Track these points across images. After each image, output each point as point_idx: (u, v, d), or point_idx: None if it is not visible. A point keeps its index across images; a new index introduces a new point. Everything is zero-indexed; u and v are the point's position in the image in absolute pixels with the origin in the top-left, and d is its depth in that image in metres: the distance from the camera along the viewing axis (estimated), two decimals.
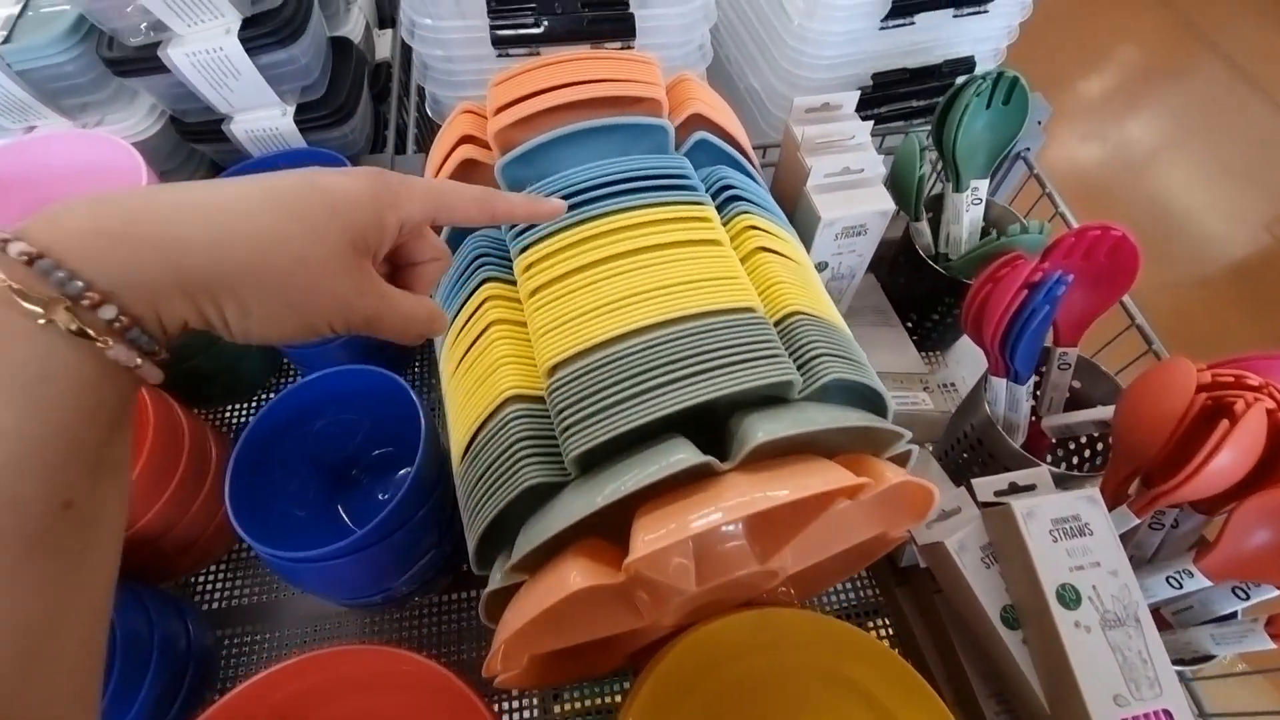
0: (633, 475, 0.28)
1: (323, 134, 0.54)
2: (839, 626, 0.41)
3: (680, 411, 0.30)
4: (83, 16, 0.47)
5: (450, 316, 0.41)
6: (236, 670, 0.50)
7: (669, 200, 0.37)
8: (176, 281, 0.20)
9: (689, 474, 0.29)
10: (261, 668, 0.46)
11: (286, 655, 0.49)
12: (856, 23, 0.54)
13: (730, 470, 0.30)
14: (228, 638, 0.51)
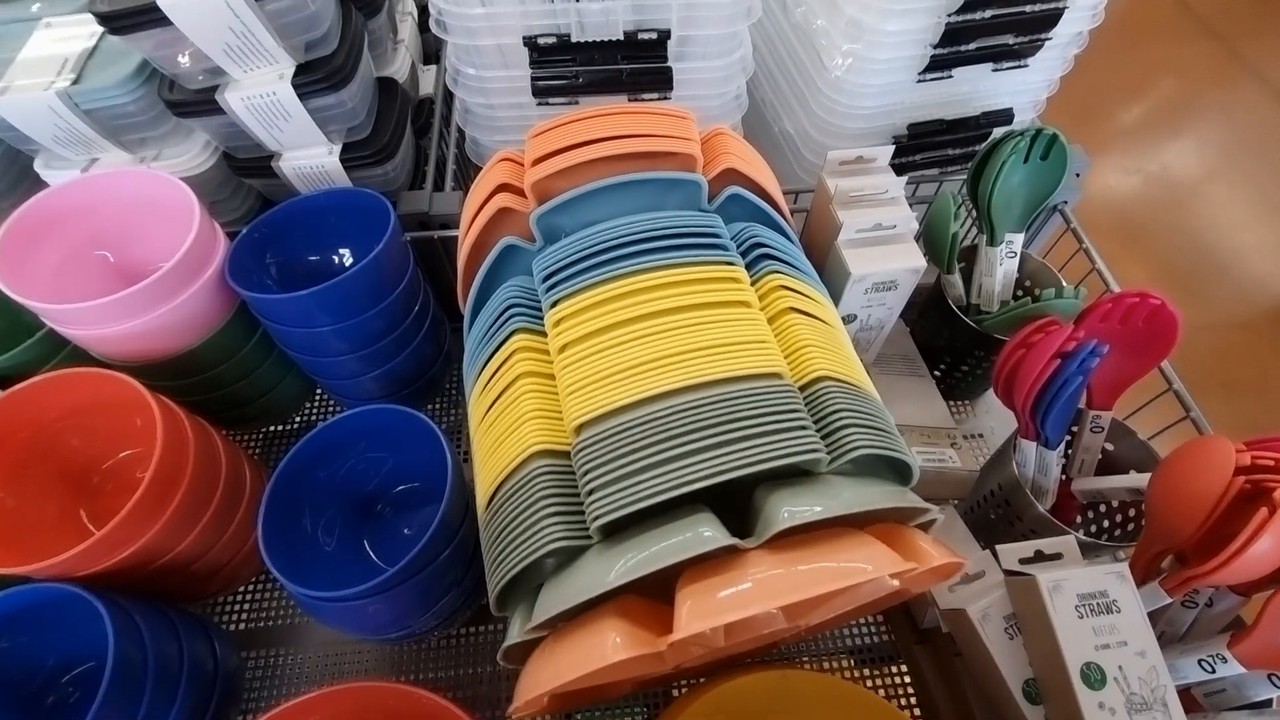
0: (658, 549, 0.29)
1: (366, 172, 0.56)
2: (858, 692, 0.40)
3: (704, 487, 0.30)
4: (146, 60, 0.49)
5: (479, 365, 0.42)
6: (260, 693, 0.51)
7: (699, 260, 0.38)
8: None
9: (715, 554, 0.30)
10: (283, 691, 0.47)
11: (307, 682, 0.50)
12: (894, 75, 0.54)
13: (756, 549, 0.30)
14: (251, 658, 0.52)
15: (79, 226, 0.48)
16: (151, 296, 0.43)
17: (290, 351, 0.51)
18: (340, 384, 0.55)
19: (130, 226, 0.49)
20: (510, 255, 0.44)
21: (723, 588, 0.28)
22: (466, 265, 0.47)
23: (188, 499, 0.42)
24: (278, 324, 0.48)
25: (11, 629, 0.40)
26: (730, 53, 0.50)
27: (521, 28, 0.47)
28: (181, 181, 0.47)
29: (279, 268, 0.51)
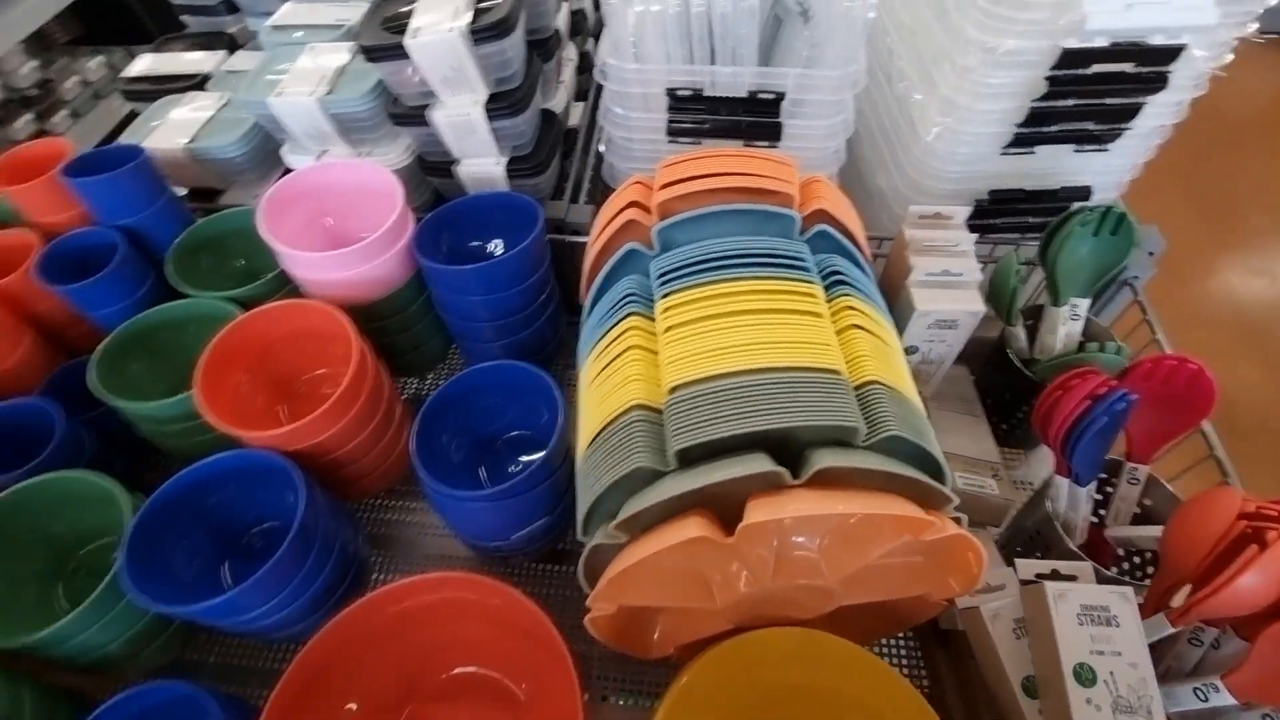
0: (726, 467, 0.38)
1: (522, 181, 0.69)
2: (879, 665, 0.46)
3: (764, 431, 0.39)
4: (381, 81, 0.65)
5: (596, 339, 0.52)
6: (377, 583, 0.63)
7: (785, 277, 0.47)
8: None
9: (766, 482, 0.38)
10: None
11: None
12: (980, 146, 0.62)
13: (800, 485, 0.38)
14: (376, 556, 0.64)
15: (313, 199, 0.63)
16: (361, 256, 0.57)
17: (445, 314, 0.64)
18: (474, 346, 0.67)
19: (349, 202, 0.64)
20: (631, 257, 0.55)
21: (779, 498, 0.36)
22: (594, 263, 0.58)
23: (361, 412, 0.55)
24: (443, 289, 0.61)
25: (228, 483, 0.53)
26: (834, 115, 0.60)
27: (665, 81, 0.58)
28: (392, 173, 0.61)
29: (449, 248, 0.65)
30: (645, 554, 0.39)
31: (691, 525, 0.38)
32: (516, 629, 0.51)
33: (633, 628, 0.51)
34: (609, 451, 0.44)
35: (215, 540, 0.55)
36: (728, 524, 0.39)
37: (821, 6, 0.58)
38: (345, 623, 0.49)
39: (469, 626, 0.53)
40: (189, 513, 0.51)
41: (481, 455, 0.61)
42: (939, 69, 0.59)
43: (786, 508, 0.36)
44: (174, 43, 0.87)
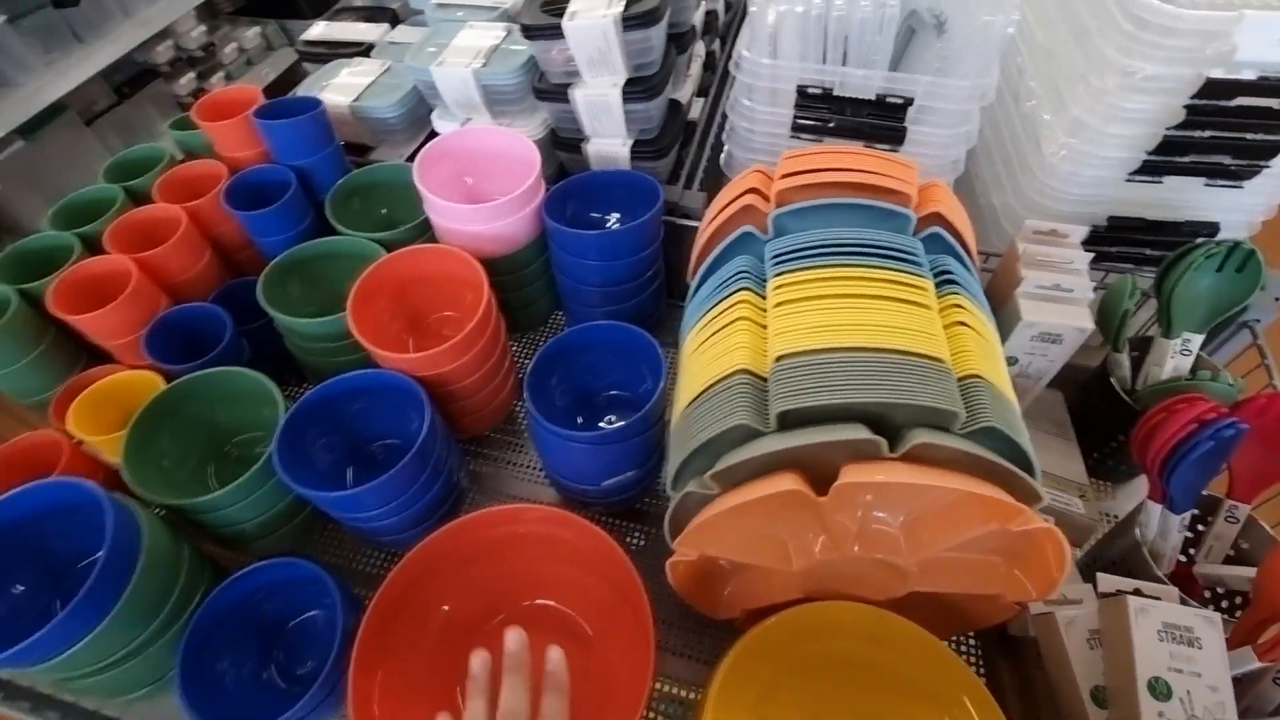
0: (825, 433, 0.40)
1: (644, 163, 0.74)
2: (947, 654, 0.47)
3: (865, 404, 0.41)
4: (532, 57, 0.71)
5: (704, 310, 0.56)
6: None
7: (898, 268, 0.49)
8: None
9: (861, 451, 0.41)
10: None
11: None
12: (1105, 170, 0.61)
13: (895, 458, 0.40)
14: (472, 487, 0.70)
15: (458, 159, 0.70)
16: (499, 211, 0.63)
17: (560, 276, 0.69)
18: (579, 310, 0.72)
19: (488, 165, 0.70)
20: (745, 240, 0.58)
21: (874, 465, 0.39)
22: (706, 242, 0.62)
23: (482, 350, 0.60)
24: (562, 251, 0.66)
25: (365, 397, 0.60)
26: (959, 125, 0.61)
27: (798, 78, 0.62)
28: (531, 141, 0.67)
29: (572, 215, 0.70)
30: (739, 501, 0.42)
31: (786, 479, 0.41)
32: (597, 571, 0.56)
33: (706, 582, 0.54)
34: (710, 410, 0.48)
35: (346, 445, 0.62)
36: (817, 490, 0.42)
37: (959, 19, 0.59)
38: (446, 535, 0.54)
39: (552, 563, 0.58)
40: (330, 417, 0.58)
41: (581, 408, 0.65)
42: (1072, 89, 0.60)
43: (881, 473, 0.39)
44: (344, 13, 0.97)
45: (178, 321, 0.63)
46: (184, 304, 0.65)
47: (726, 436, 0.46)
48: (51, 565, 0.51)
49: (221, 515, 0.54)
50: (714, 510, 0.44)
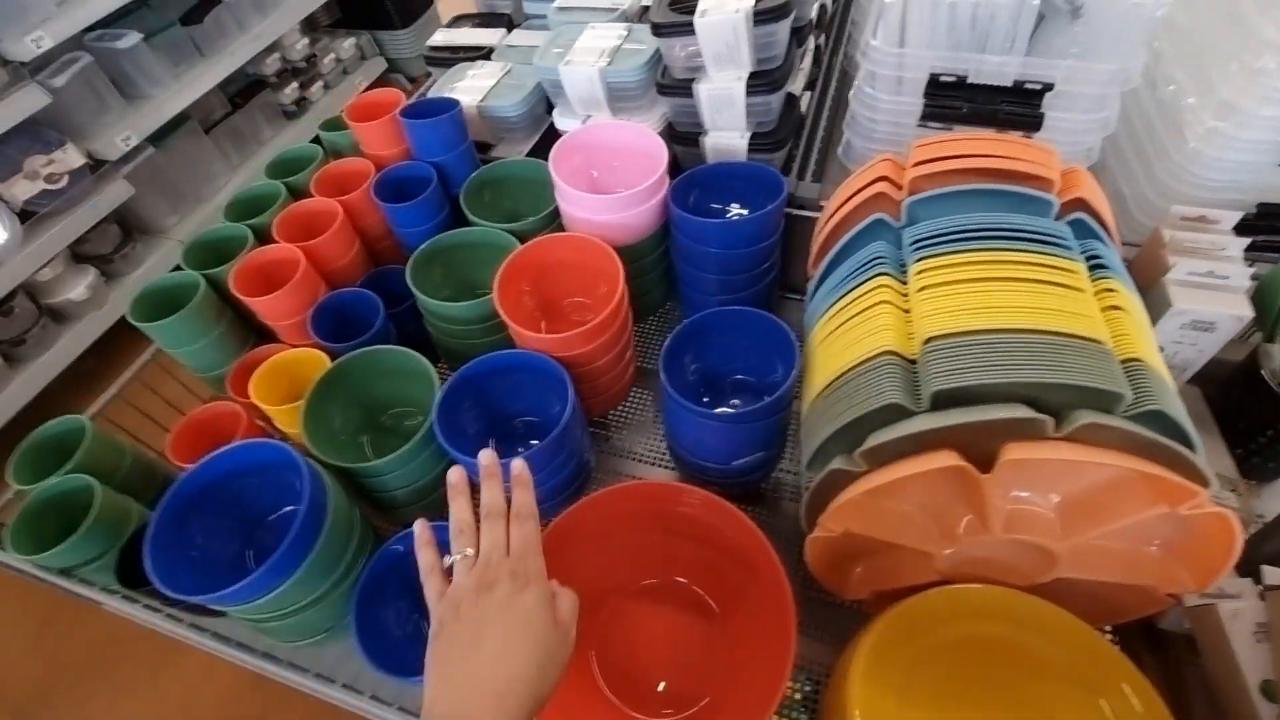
0: (987, 411, 0.41)
1: (760, 155, 0.75)
2: (1099, 640, 0.46)
3: (1026, 383, 0.41)
4: (655, 54, 0.74)
5: (836, 296, 0.57)
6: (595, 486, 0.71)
7: (1049, 252, 0.49)
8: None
9: (1023, 430, 0.41)
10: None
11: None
12: (1255, 155, 0.59)
13: (1061, 439, 0.41)
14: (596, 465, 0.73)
15: (586, 153, 0.73)
16: (626, 203, 0.66)
17: (681, 263, 0.71)
18: (697, 297, 0.74)
19: (613, 159, 0.73)
20: (877, 226, 0.59)
21: (1044, 444, 0.40)
22: (832, 230, 0.63)
23: (614, 333, 0.63)
24: (687, 239, 0.68)
25: (512, 375, 0.63)
26: (1097, 111, 0.60)
27: (930, 66, 0.62)
28: (658, 135, 0.69)
29: (695, 204, 0.72)
30: (896, 476, 0.43)
31: (945, 455, 0.42)
32: (727, 549, 0.57)
33: (840, 561, 0.55)
34: (855, 390, 0.49)
35: (491, 419, 0.66)
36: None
37: (1099, 2, 0.59)
38: (589, 504, 0.57)
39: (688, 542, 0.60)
40: (478, 392, 0.62)
41: (707, 390, 0.67)
42: (1222, 71, 0.58)
43: (1054, 451, 0.39)
44: (462, 20, 1.03)
45: (336, 305, 0.69)
46: (340, 289, 0.71)
47: (875, 416, 0.47)
48: (245, 518, 0.57)
49: (383, 480, 0.58)
50: (866, 485, 0.45)
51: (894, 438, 0.44)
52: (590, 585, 0.60)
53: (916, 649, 0.49)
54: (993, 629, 0.49)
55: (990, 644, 0.49)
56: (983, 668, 0.49)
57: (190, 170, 1.96)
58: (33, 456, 0.60)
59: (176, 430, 0.63)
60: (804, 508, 0.55)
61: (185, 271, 0.67)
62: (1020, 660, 0.48)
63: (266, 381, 0.63)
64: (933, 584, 0.51)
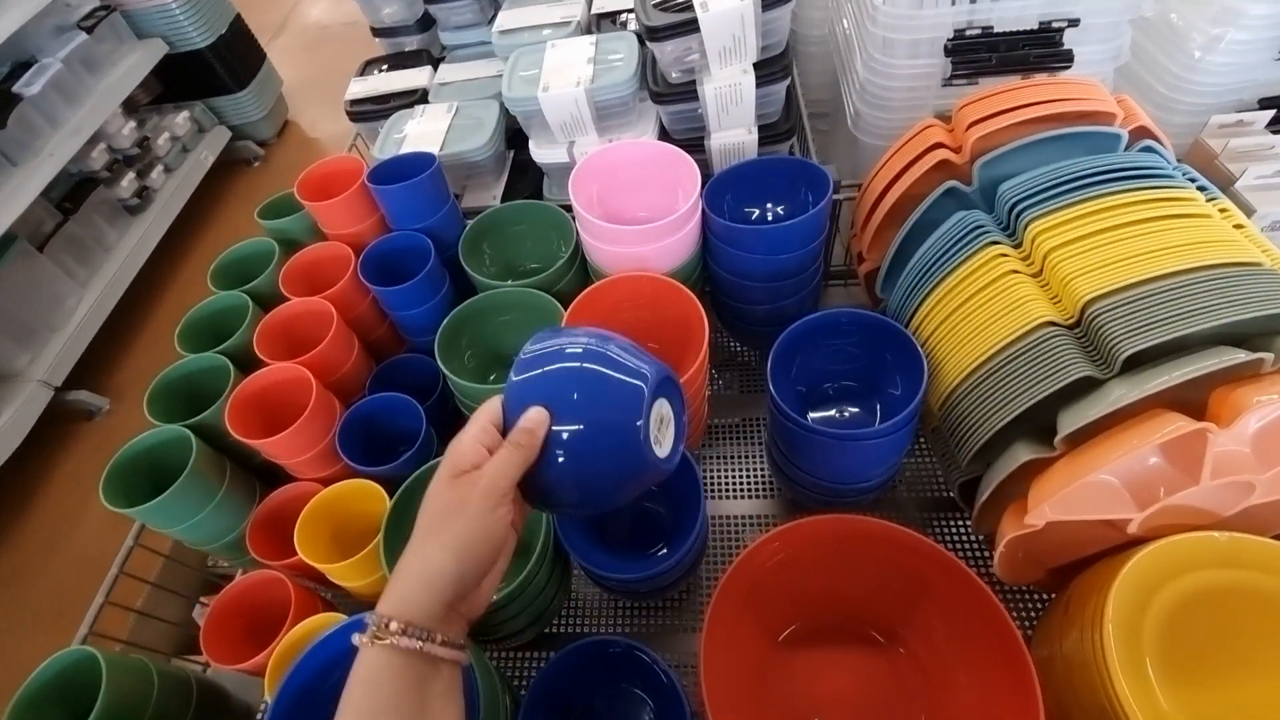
0: (1198, 364, 0.38)
1: (769, 147, 0.71)
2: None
3: (1224, 325, 0.39)
4: (640, 62, 0.67)
5: (936, 278, 0.54)
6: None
7: (1160, 185, 0.48)
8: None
9: (1234, 374, 0.39)
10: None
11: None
12: (1254, 54, 0.62)
13: (1276, 372, 0.39)
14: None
15: (602, 179, 0.64)
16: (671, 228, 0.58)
17: (724, 276, 0.65)
18: (739, 308, 0.68)
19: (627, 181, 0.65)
20: (949, 195, 0.56)
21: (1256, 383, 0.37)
22: (893, 208, 0.59)
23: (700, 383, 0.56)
24: (732, 249, 0.62)
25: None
26: (1113, 40, 0.60)
27: (949, 26, 0.60)
28: (686, 153, 0.62)
29: (730, 211, 0.66)
30: (1124, 452, 0.39)
31: (1175, 419, 0.39)
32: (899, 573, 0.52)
33: (1027, 567, 0.51)
34: (1020, 371, 0.45)
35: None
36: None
37: None
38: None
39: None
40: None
41: (810, 400, 0.62)
42: None
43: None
44: (372, 66, 0.91)
45: (361, 420, 0.57)
46: (360, 401, 0.59)
47: (1059, 393, 0.43)
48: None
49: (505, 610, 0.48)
50: (1087, 468, 0.41)
51: (1104, 413, 0.41)
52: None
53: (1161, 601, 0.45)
54: (1214, 577, 0.46)
55: (1218, 593, 0.46)
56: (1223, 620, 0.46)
57: (31, 297, 1.65)
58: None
59: (210, 622, 0.49)
60: (978, 507, 0.51)
61: (165, 427, 0.53)
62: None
63: (310, 535, 0.51)
64: (1117, 548, 0.49)
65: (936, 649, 0.52)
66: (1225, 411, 0.39)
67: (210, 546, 0.55)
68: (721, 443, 0.72)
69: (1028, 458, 0.45)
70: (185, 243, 2.09)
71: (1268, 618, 0.43)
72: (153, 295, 1.95)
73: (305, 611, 0.50)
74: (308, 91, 2.51)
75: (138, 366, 1.79)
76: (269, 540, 0.53)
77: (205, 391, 0.56)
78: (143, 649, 0.58)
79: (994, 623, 0.46)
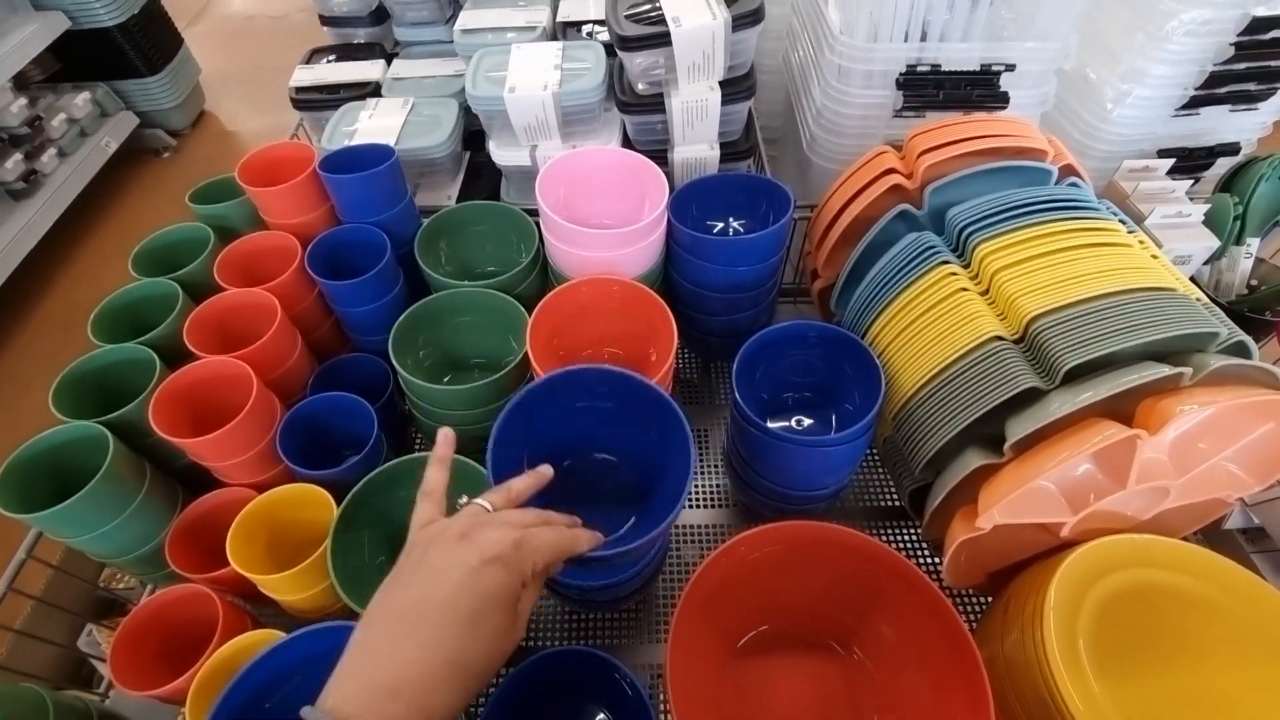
0: (1127, 377, 0.42)
1: (729, 164, 0.73)
2: (1226, 564, 0.48)
3: (1146, 342, 0.43)
4: (608, 70, 0.67)
5: (889, 296, 0.56)
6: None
7: (1088, 216, 0.52)
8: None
9: (1158, 386, 0.43)
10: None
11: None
12: (1156, 110, 0.69)
13: (1194, 385, 0.43)
14: None
15: (570, 183, 0.64)
16: (641, 233, 0.59)
17: (684, 286, 0.65)
18: (695, 317, 0.68)
19: (594, 186, 0.65)
20: (901, 217, 0.59)
21: (1183, 395, 0.41)
22: (848, 228, 0.62)
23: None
24: (696, 259, 0.62)
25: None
26: (1041, 87, 0.66)
27: (901, 60, 0.64)
28: (653, 162, 0.63)
29: (693, 222, 0.67)
30: (1067, 456, 0.42)
31: (1110, 426, 0.42)
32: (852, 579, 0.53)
33: (970, 571, 0.54)
34: (971, 383, 0.48)
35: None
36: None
37: None
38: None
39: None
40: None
41: (769, 409, 0.63)
42: (1127, 41, 0.67)
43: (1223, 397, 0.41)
44: (319, 55, 0.87)
45: (304, 421, 0.53)
46: (305, 400, 0.55)
47: (1008, 403, 0.46)
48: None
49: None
50: (1035, 472, 0.44)
51: (1050, 421, 0.44)
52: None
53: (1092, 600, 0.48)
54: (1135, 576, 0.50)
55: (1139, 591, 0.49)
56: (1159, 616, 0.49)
57: None
58: None
59: (119, 643, 0.44)
60: (929, 512, 0.53)
61: (75, 424, 0.47)
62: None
63: (243, 544, 0.47)
64: (1048, 552, 0.52)
65: (889, 651, 0.53)
66: (1153, 420, 0.43)
67: (120, 559, 0.49)
68: None
69: (979, 463, 0.47)
70: (80, 233, 1.91)
71: (1185, 613, 0.47)
72: (39, 289, 1.76)
73: (234, 629, 0.46)
74: (228, 83, 2.37)
75: (16, 361, 1.61)
76: (192, 551, 0.48)
77: (120, 387, 0.50)
78: (23, 675, 0.51)
79: (944, 622, 0.48)
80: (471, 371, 0.64)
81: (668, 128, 0.69)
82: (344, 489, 0.49)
